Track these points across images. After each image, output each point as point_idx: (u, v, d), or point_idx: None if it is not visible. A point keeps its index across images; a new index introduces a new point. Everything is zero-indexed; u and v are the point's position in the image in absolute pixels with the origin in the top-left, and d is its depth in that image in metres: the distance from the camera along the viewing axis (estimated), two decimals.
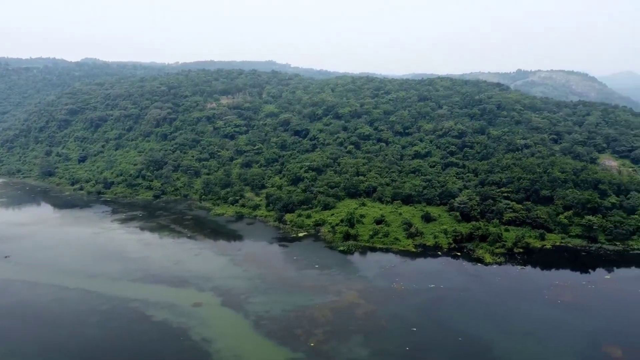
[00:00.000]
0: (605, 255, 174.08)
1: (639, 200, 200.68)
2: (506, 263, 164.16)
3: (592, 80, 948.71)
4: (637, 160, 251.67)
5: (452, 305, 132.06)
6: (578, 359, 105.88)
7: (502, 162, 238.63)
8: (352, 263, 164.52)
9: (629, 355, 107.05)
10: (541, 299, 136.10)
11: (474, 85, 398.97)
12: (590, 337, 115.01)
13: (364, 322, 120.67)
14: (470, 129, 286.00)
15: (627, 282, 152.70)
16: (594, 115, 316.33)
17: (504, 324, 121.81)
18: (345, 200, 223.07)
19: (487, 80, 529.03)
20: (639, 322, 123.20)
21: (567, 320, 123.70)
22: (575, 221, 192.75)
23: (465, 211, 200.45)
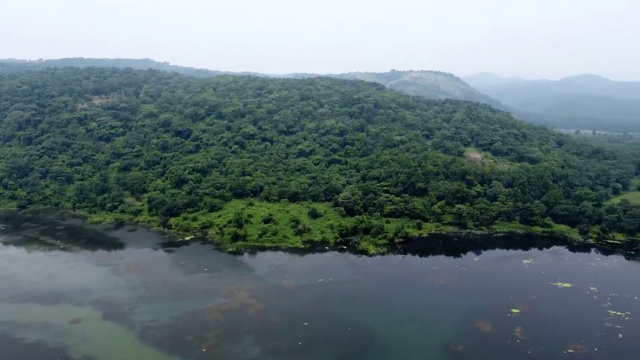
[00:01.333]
0: (474, 239, 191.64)
1: (500, 188, 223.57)
2: (388, 253, 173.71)
3: (456, 80, 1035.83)
4: (496, 152, 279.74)
5: (341, 297, 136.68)
6: (453, 335, 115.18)
7: (381, 158, 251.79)
8: (242, 263, 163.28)
9: (497, 328, 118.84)
10: (420, 284, 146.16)
11: (353, 85, 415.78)
12: (464, 315, 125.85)
13: (256, 322, 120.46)
14: (350, 127, 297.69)
15: (493, 262, 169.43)
16: (459, 113, 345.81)
17: (388, 310, 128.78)
18: (232, 201, 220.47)
19: (364, 80, 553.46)
20: (505, 299, 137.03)
21: (443, 301, 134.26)
22: (447, 210, 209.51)
23: (349, 206, 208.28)
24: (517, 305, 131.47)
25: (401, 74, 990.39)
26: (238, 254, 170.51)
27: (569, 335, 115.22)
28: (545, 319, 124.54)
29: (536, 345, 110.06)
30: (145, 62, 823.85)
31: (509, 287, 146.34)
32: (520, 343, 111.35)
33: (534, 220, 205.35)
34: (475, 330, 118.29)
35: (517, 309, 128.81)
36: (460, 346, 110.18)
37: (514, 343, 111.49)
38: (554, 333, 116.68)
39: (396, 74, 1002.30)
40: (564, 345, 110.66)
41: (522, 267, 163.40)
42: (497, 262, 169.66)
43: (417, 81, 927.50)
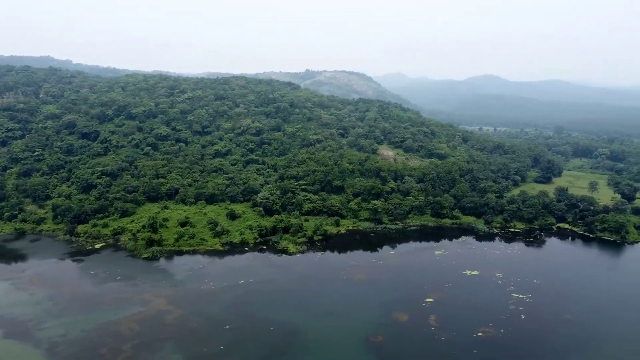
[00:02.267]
0: (389, 234, 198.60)
1: (412, 184, 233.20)
2: (308, 251, 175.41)
3: (369, 80, 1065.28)
4: (408, 149, 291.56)
5: (262, 297, 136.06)
6: (373, 327, 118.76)
7: (298, 157, 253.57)
8: (159, 269, 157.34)
9: (413, 318, 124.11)
10: (340, 280, 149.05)
11: (268, 84, 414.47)
12: (382, 307, 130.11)
13: (175, 328, 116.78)
14: (267, 127, 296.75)
15: (407, 255, 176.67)
16: (372, 112, 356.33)
17: (309, 307, 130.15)
18: (145, 205, 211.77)
19: (279, 79, 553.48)
20: (419, 289, 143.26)
21: (362, 295, 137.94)
22: (363, 206, 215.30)
23: (268, 206, 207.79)
24: (431, 294, 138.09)
25: (315, 74, 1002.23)
26: (154, 260, 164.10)
27: (478, 320, 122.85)
28: (457, 305, 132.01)
29: (449, 331, 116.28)
30: (45, 59, 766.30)
31: (423, 277, 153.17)
32: (435, 330, 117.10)
33: (444, 213, 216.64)
34: (393, 321, 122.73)
35: (431, 298, 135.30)
36: (380, 337, 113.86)
37: (429, 330, 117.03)
38: (465, 318, 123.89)
39: (311, 73, 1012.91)
40: (474, 329, 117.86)
41: (434, 258, 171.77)
42: (412, 255, 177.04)
43: (331, 81, 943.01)
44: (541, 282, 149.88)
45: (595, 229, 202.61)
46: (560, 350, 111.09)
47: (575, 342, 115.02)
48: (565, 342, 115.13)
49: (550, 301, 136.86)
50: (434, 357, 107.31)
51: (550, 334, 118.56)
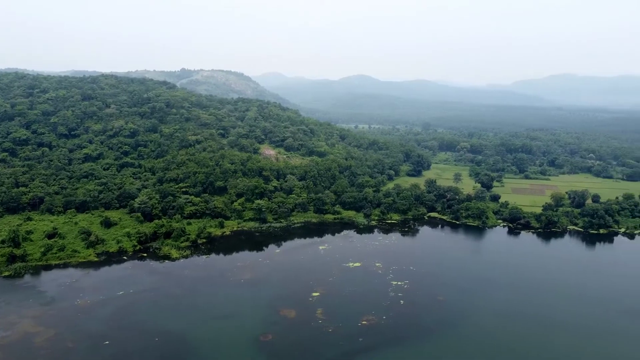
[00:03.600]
0: (274, 232, 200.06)
1: (294, 182, 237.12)
2: (192, 255, 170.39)
3: (247, 79, 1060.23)
4: (289, 148, 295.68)
5: (146, 307, 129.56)
6: (262, 326, 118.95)
7: (178, 159, 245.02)
8: (24, 287, 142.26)
9: (301, 313, 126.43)
10: (227, 282, 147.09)
11: (141, 84, 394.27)
12: (270, 305, 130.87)
13: (46, 351, 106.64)
14: (142, 128, 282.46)
15: (293, 252, 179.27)
16: (252, 111, 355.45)
17: (197, 312, 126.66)
18: (4, 217, 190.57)
19: (153, 78, 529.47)
20: (306, 284, 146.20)
21: (250, 295, 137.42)
22: (247, 206, 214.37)
23: (147, 211, 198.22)
24: (317, 288, 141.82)
25: (192, 73, 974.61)
26: (17, 278, 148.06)
27: (362, 309, 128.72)
28: (342, 297, 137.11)
29: (335, 323, 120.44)
30: None
31: (308, 273, 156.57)
32: (322, 323, 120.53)
33: (326, 209, 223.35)
34: (281, 318, 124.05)
35: (317, 292, 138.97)
36: (270, 336, 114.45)
37: (317, 324, 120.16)
38: (349, 309, 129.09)
39: (187, 72, 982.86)
40: (358, 318, 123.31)
41: (318, 253, 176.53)
42: (297, 251, 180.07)
43: (208, 80, 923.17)
44: (417, 269, 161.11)
45: (460, 216, 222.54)
46: (435, 329, 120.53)
47: (448, 320, 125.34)
48: (439, 321, 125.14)
49: (425, 285, 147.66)
50: (322, 349, 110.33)
51: (426, 315, 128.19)
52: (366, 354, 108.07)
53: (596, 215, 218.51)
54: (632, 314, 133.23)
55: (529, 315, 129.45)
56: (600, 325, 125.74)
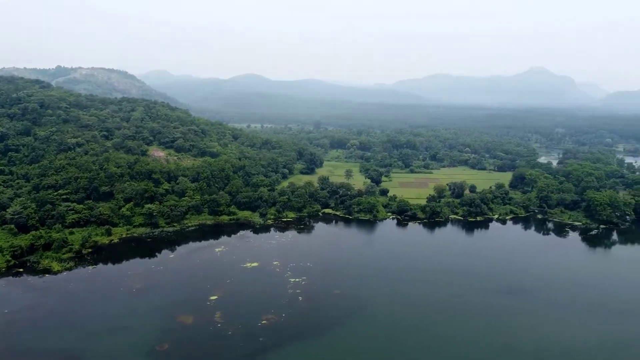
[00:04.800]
0: (167, 237, 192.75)
1: (187, 184, 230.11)
2: (77, 266, 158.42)
3: (132, 78, 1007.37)
4: (179, 149, 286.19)
5: (24, 327, 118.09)
6: (158, 336, 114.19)
7: (56, 164, 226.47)
8: None
9: (198, 318, 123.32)
10: (117, 292, 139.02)
11: (10, 83, 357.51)
12: (165, 313, 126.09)
13: None
14: (12, 131, 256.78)
15: (188, 256, 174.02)
16: (138, 111, 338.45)
17: (85, 327, 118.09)
18: None
19: (24, 76, 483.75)
20: (203, 288, 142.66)
21: (143, 304, 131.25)
22: (137, 211, 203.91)
23: (22, 222, 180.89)
24: (215, 291, 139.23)
25: (70, 71, 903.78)
26: None
27: (261, 309, 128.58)
28: (240, 298, 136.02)
29: (235, 325, 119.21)
30: None
31: (205, 276, 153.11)
32: (221, 326, 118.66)
33: (221, 210, 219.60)
34: (178, 325, 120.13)
35: (215, 296, 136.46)
36: (166, 345, 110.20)
37: (216, 328, 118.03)
38: (249, 310, 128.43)
39: (63, 70, 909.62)
40: (258, 318, 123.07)
41: (215, 256, 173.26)
42: (192, 255, 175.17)
43: (88, 79, 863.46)
44: (314, 264, 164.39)
45: (353, 211, 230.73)
46: (333, 322, 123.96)
47: (345, 313, 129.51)
48: (337, 314, 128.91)
49: (322, 280, 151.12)
50: (222, 352, 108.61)
51: (324, 309, 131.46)
52: (267, 353, 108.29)
53: (473, 204, 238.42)
54: (508, 292, 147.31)
55: (420, 300, 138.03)
56: (482, 303, 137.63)
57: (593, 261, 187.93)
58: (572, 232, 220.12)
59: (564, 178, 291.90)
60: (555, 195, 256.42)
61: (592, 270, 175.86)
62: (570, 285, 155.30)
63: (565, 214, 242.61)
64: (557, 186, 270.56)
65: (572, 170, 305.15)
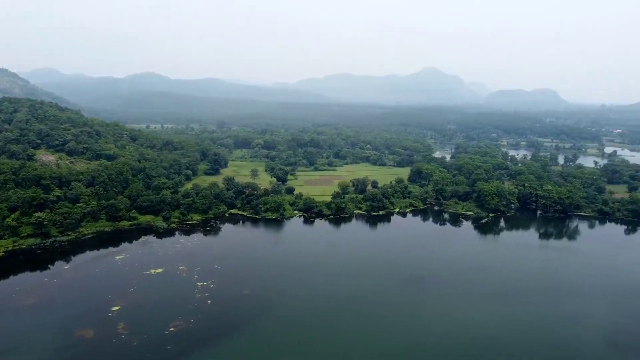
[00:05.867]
0: (61, 247, 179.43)
1: (81, 189, 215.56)
2: None
3: (13, 76, 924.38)
4: (72, 152, 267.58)
5: None
6: (53, 354, 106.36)
7: None
8: None
9: (100, 331, 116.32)
10: (5, 310, 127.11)
11: None
12: (62, 328, 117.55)
13: None
14: None
15: (85, 266, 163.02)
16: (22, 112, 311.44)
17: None
18: None
19: None
20: (103, 299, 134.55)
21: (36, 322, 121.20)
22: (24, 221, 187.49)
23: None
24: (117, 302, 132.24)
25: None
26: None
27: (168, 316, 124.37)
28: (145, 307, 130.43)
29: (140, 335, 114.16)
30: None
31: (105, 286, 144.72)
32: (125, 338, 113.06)
33: (120, 215, 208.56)
34: (77, 340, 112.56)
35: (117, 306, 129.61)
36: None
37: (119, 340, 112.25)
38: (155, 318, 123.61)
39: None
40: (165, 326, 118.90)
41: (115, 264, 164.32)
42: (90, 265, 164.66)
43: None
44: (221, 267, 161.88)
45: (260, 210, 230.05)
46: (243, 323, 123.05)
47: (255, 313, 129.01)
48: (247, 314, 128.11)
49: (231, 282, 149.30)
50: None
51: (234, 311, 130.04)
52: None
53: (376, 199, 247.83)
54: (411, 281, 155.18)
55: (329, 295, 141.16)
56: (388, 293, 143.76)
57: (484, 247, 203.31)
58: (465, 221, 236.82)
59: (457, 171, 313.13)
60: (450, 187, 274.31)
61: (483, 255, 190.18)
62: (466, 270, 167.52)
63: (458, 204, 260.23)
64: (451, 179, 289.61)
65: (463, 164, 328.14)
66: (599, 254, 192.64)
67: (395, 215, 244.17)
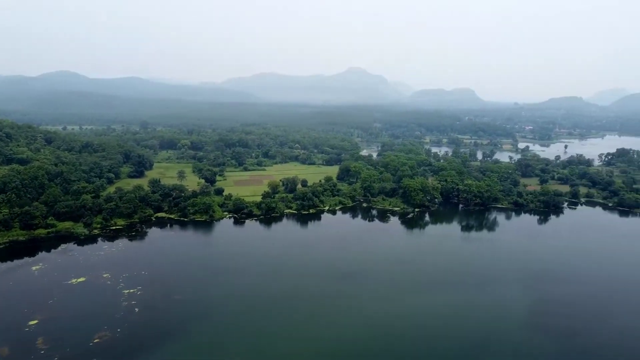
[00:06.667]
0: None
1: None
2: None
3: None
4: None
5: None
6: None
7: None
8: None
9: (16, 349, 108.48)
10: None
11: None
12: None
13: None
14: None
15: None
16: None
17: None
18: None
19: None
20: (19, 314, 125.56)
21: None
22: None
23: None
24: (35, 315, 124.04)
25: None
26: None
27: (93, 327, 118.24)
28: (67, 319, 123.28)
29: (62, 349, 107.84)
30: None
31: (21, 299, 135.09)
32: (45, 353, 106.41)
33: (36, 223, 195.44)
34: None
35: (36, 320, 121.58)
36: None
37: (39, 355, 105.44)
38: (78, 330, 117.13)
39: None
40: (89, 337, 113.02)
41: (32, 275, 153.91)
42: (2, 277, 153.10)
43: None
44: (149, 272, 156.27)
45: (188, 212, 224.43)
46: (175, 329, 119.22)
47: (187, 318, 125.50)
48: (178, 320, 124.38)
49: (160, 288, 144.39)
50: None
51: (164, 317, 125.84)
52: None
53: (306, 197, 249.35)
54: (344, 277, 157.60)
55: (261, 296, 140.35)
56: (321, 291, 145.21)
57: (411, 241, 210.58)
58: (392, 217, 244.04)
59: (383, 168, 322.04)
60: (377, 184, 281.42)
61: (410, 249, 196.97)
62: (395, 264, 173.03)
63: (386, 200, 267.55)
64: (378, 176, 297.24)
65: (389, 161, 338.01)
66: (516, 243, 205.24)
67: (326, 213, 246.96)
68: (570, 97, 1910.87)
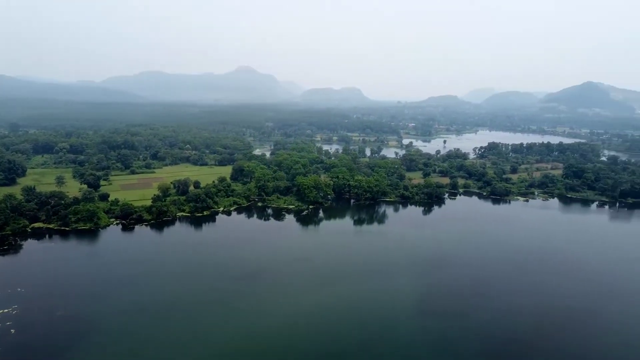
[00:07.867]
0: None
1: None
2: None
3: None
4: None
5: None
6: None
7: None
8: None
9: None
10: None
11: None
12: None
13: None
14: None
15: None
16: None
17: None
18: None
19: None
20: None
21: None
22: None
23: None
24: None
25: None
26: None
27: None
28: None
29: None
30: None
31: None
32: None
33: None
34: None
35: None
36: None
37: None
38: None
39: None
40: None
41: None
42: None
43: None
44: (26, 289, 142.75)
45: (70, 221, 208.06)
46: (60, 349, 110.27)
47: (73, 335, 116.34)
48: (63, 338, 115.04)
49: (40, 305, 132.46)
50: None
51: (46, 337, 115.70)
52: None
53: (199, 199, 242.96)
54: (240, 278, 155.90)
55: (154, 303, 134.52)
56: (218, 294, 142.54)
57: (307, 237, 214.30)
58: (288, 215, 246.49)
59: (277, 167, 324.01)
60: (271, 183, 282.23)
61: (307, 245, 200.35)
62: (292, 261, 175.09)
63: (281, 199, 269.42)
64: (272, 175, 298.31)
65: (282, 160, 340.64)
66: (405, 233, 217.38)
67: (220, 215, 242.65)
68: (447, 95, 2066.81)
